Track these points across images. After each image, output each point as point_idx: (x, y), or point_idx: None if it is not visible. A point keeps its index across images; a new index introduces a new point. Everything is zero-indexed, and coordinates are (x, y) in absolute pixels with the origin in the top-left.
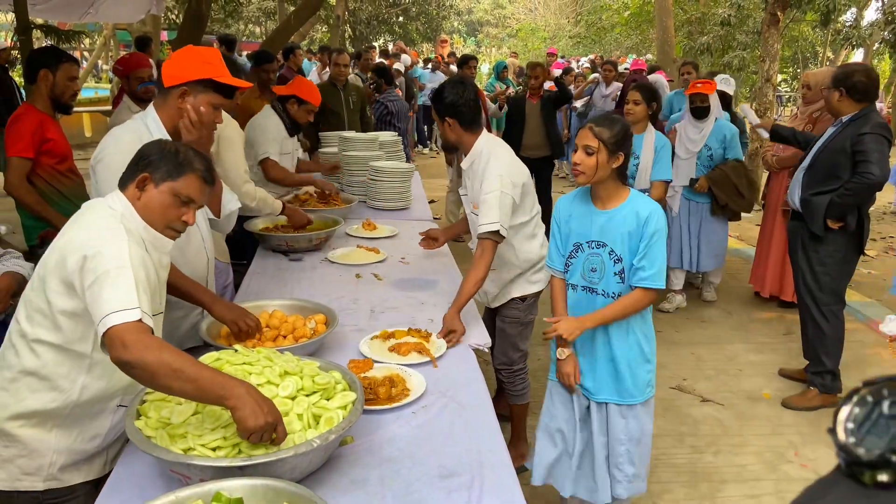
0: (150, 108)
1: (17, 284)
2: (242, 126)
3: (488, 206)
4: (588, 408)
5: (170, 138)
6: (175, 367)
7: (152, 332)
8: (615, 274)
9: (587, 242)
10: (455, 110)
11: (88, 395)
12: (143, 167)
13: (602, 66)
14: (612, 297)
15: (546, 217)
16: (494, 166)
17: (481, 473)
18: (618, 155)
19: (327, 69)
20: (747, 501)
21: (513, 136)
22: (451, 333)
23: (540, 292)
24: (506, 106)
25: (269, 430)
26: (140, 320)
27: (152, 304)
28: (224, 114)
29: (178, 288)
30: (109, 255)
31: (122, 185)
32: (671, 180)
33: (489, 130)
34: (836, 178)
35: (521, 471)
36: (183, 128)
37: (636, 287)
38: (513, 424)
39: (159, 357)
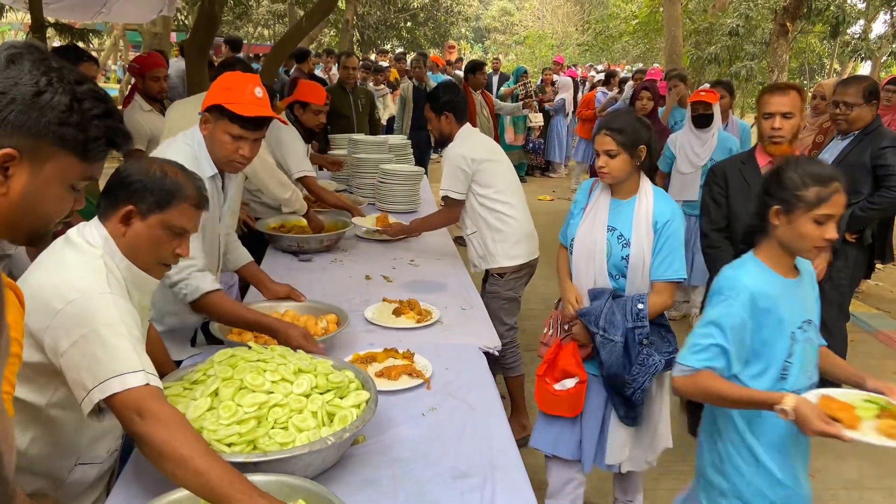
0: (196, 130)
1: None
2: None
3: (443, 175)
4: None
5: (213, 164)
6: (183, 454)
7: (164, 397)
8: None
9: (799, 326)
10: (452, 106)
11: (38, 449)
12: (127, 197)
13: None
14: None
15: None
16: (452, 145)
17: (493, 475)
18: None
19: (334, 70)
20: None
21: None
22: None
23: (521, 268)
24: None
25: None
26: (148, 384)
27: None
28: None
29: (240, 318)
30: (95, 310)
31: (103, 215)
32: (685, 279)
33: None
34: (854, 192)
35: (524, 443)
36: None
37: None
38: (511, 398)
39: (171, 437)
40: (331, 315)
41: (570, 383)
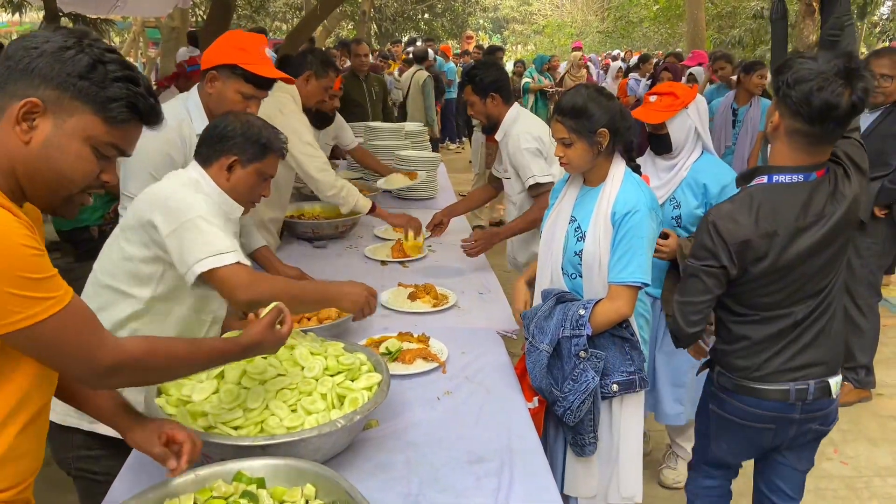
0: (194, 90)
1: None
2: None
3: (522, 164)
4: None
5: (208, 121)
6: (291, 293)
7: (251, 269)
8: None
9: None
10: (498, 86)
11: None
12: (229, 148)
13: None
14: None
15: None
16: (516, 126)
17: (511, 459)
18: None
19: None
20: None
21: None
22: (473, 248)
23: None
24: None
25: (370, 298)
26: (239, 262)
27: None
28: (285, 100)
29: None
30: (192, 206)
31: (205, 161)
32: (646, 283)
33: None
34: (884, 164)
35: None
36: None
37: None
38: None
39: (275, 287)
40: None
41: (537, 401)
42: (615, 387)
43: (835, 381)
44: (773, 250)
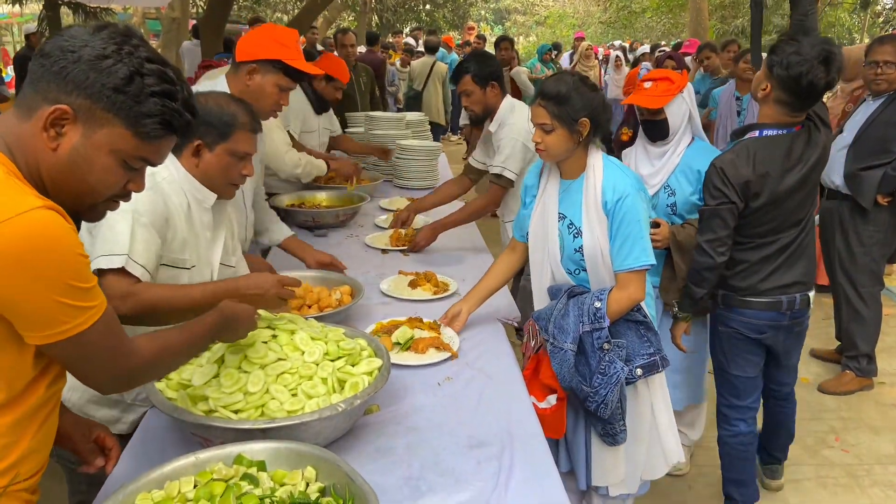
0: (222, 78)
1: None
2: None
3: (505, 152)
4: None
5: None
6: (175, 301)
7: (137, 280)
8: None
9: None
10: (498, 75)
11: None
12: (193, 132)
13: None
14: None
15: None
16: (514, 116)
17: (512, 444)
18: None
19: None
20: (788, 486)
21: None
22: (415, 244)
23: None
24: None
25: (278, 285)
26: (122, 268)
27: (179, 253)
28: None
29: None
30: None
31: (176, 149)
32: (653, 264)
33: None
34: (887, 151)
35: None
36: None
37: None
38: None
39: (159, 296)
40: (344, 286)
41: (553, 400)
42: (639, 371)
43: (812, 294)
44: (766, 188)
